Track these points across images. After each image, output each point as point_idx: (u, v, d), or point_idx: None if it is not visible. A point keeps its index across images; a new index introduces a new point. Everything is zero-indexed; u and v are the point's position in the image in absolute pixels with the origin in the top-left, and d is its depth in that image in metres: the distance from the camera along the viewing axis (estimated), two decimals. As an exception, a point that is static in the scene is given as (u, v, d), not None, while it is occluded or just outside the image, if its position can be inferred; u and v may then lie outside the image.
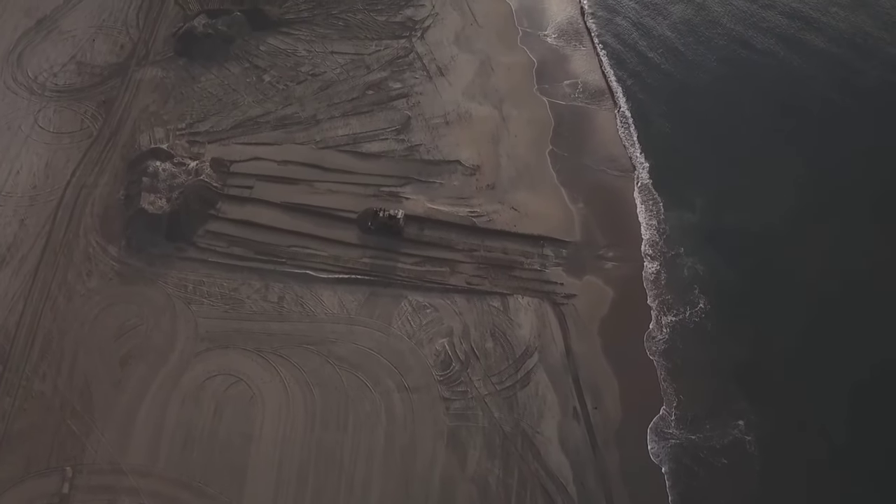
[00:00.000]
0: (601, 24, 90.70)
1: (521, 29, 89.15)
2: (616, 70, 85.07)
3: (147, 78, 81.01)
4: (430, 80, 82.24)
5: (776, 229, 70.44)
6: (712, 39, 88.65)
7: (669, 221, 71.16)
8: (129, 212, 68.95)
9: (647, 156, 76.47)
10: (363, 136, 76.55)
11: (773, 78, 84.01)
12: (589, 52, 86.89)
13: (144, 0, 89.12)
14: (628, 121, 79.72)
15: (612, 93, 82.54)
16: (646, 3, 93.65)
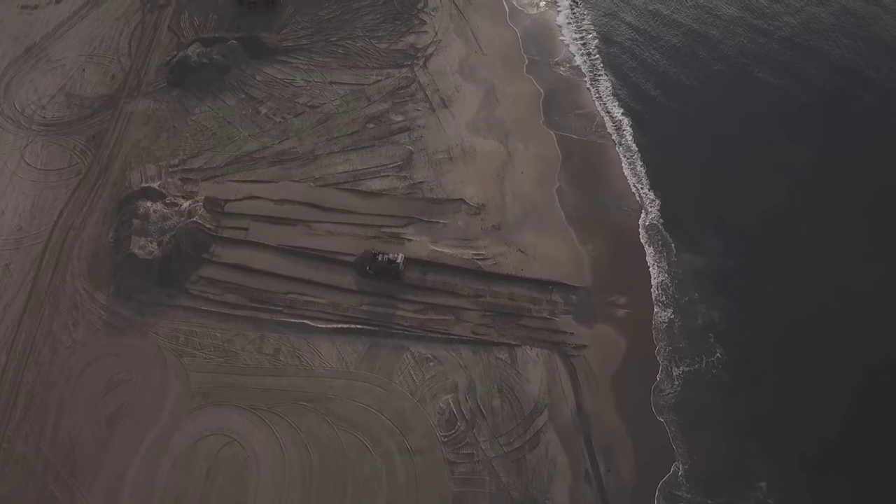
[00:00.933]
0: (609, 52, 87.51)
1: (528, 57, 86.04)
2: (624, 101, 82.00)
3: (139, 110, 77.91)
4: (433, 113, 79.16)
5: (793, 273, 67.61)
6: (720, 70, 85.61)
7: (682, 264, 68.22)
8: (119, 256, 65.85)
9: (657, 193, 73.39)
10: (364, 173, 73.48)
11: (783, 108, 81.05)
12: (597, 81, 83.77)
13: (137, 27, 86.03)
14: (637, 155, 76.67)
15: (619, 125, 79.49)
16: (651, 33, 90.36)
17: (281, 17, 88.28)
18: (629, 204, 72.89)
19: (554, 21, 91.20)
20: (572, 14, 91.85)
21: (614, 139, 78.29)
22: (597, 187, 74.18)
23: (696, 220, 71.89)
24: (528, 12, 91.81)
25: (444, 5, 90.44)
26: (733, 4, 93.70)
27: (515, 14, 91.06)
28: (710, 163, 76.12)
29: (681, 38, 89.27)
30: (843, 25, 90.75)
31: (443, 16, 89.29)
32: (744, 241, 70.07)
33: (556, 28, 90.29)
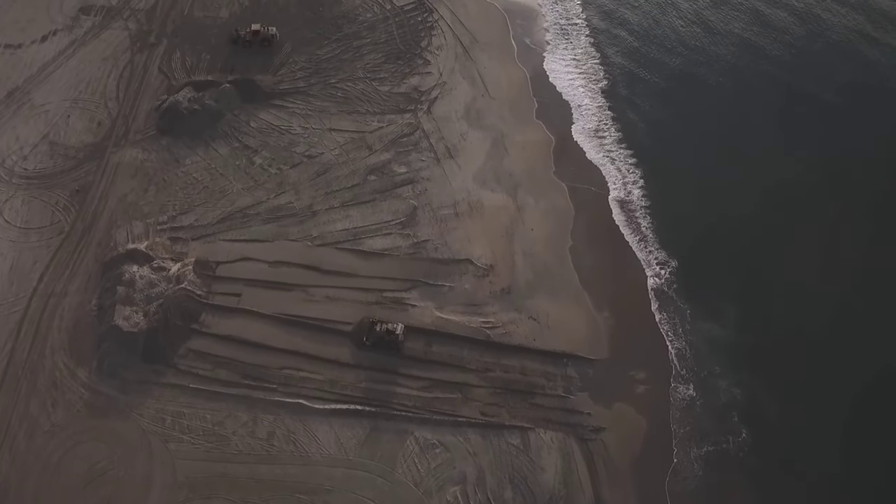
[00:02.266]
0: (624, 95, 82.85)
1: (538, 100, 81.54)
2: (637, 149, 77.22)
3: (126, 161, 73.48)
4: (437, 163, 74.76)
5: (820, 342, 63.15)
6: (740, 116, 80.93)
7: (699, 332, 64.21)
8: (102, 327, 61.47)
9: (672, 254, 68.97)
10: (365, 231, 69.10)
11: (808, 173, 75.84)
12: (611, 128, 79.27)
13: (125, 68, 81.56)
14: (650, 211, 72.11)
15: (632, 177, 74.90)
16: (670, 73, 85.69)
17: (277, 56, 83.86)
18: (645, 265, 68.42)
19: (564, 60, 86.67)
20: (586, 51, 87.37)
21: (627, 192, 73.76)
22: (612, 246, 69.79)
23: (713, 282, 67.59)
24: (537, 51, 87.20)
25: (448, 43, 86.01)
26: (748, 41, 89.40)
27: (524, 53, 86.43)
28: (726, 220, 71.63)
29: (695, 86, 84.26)
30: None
31: (447, 55, 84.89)
32: (763, 307, 65.85)
33: (567, 68, 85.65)
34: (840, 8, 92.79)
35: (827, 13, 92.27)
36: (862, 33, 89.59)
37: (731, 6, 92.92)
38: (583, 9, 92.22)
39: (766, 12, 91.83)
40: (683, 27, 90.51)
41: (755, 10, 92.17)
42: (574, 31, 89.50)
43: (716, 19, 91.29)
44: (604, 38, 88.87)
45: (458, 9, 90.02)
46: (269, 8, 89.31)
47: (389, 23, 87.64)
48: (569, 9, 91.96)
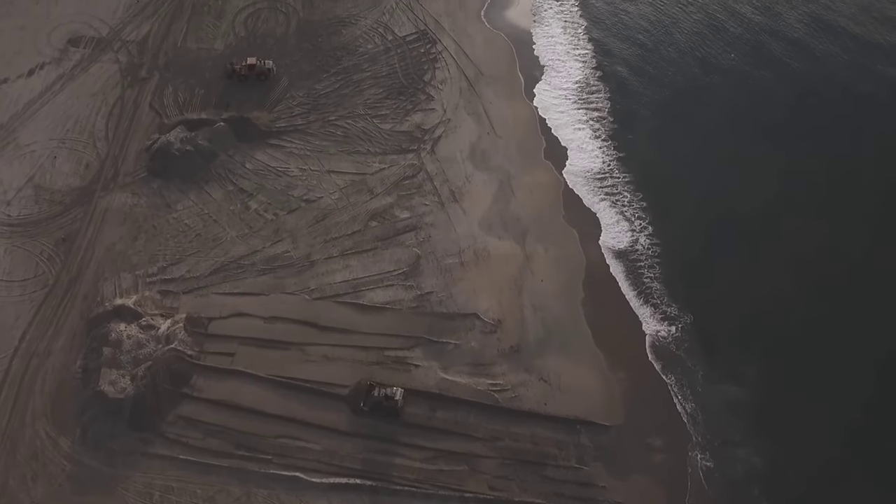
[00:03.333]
0: (634, 132, 79.07)
1: (546, 139, 77.99)
2: (647, 194, 73.31)
3: (115, 206, 69.97)
4: (442, 208, 71.24)
5: (844, 404, 59.59)
6: (751, 158, 76.94)
7: (717, 395, 60.24)
8: (87, 392, 57.90)
9: (685, 308, 64.99)
10: (365, 282, 65.58)
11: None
12: (616, 169, 75.49)
13: (115, 105, 78.07)
14: (658, 262, 68.06)
15: (636, 226, 71.12)
16: (681, 112, 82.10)
17: (274, 91, 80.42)
18: (665, 319, 64.78)
19: (575, 95, 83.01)
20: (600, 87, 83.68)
21: (634, 240, 69.91)
22: (628, 298, 66.14)
23: (728, 338, 63.71)
24: (546, 84, 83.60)
25: (453, 77, 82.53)
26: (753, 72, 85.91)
27: (532, 87, 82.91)
28: (739, 269, 67.87)
29: (707, 123, 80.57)
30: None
31: (452, 90, 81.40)
32: (787, 365, 62.19)
33: (578, 103, 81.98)
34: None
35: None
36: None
37: (730, 39, 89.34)
38: (590, 36, 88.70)
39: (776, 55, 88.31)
40: (709, 56, 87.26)
41: (758, 48, 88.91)
42: (582, 61, 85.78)
43: (719, 54, 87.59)
44: (614, 68, 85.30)
45: (463, 39, 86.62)
46: (265, 38, 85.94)
47: (391, 54, 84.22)
48: (577, 39, 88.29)
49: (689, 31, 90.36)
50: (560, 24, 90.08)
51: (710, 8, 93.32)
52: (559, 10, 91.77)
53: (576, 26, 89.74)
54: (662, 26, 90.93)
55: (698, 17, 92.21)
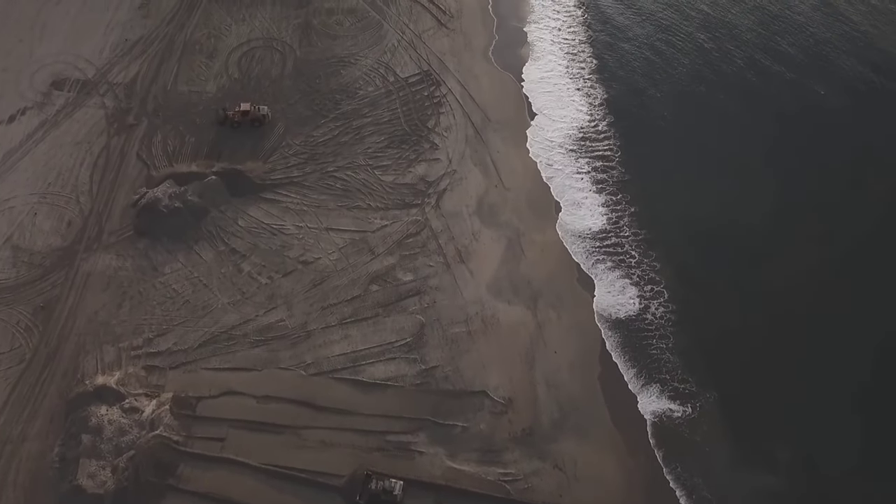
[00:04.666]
0: (648, 180, 74.44)
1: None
2: (663, 253, 68.62)
3: (98, 269, 65.44)
4: (447, 269, 66.74)
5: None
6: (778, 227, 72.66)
7: (745, 484, 55.66)
8: (64, 486, 53.38)
9: (711, 383, 60.53)
10: (365, 355, 61.09)
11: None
12: (636, 227, 70.96)
13: (100, 155, 73.52)
14: (674, 331, 63.54)
15: (644, 292, 66.41)
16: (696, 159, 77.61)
17: (269, 138, 75.93)
18: (677, 397, 60.16)
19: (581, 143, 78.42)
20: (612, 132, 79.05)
21: (644, 306, 65.22)
22: (647, 370, 61.61)
23: (759, 418, 59.10)
24: (552, 131, 79.01)
25: (458, 123, 78.01)
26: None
27: (543, 134, 78.36)
28: (772, 340, 63.47)
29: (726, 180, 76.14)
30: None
31: (457, 137, 76.88)
32: (824, 446, 57.75)
33: (582, 153, 77.38)
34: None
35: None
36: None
37: (742, 85, 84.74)
38: (599, 74, 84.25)
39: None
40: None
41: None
42: (592, 105, 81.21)
43: (733, 97, 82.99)
44: (625, 110, 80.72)
45: (469, 80, 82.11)
46: (260, 80, 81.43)
47: (393, 98, 79.71)
48: (589, 82, 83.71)
49: (702, 68, 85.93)
50: (568, 63, 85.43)
51: (728, 46, 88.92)
52: (568, 50, 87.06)
53: (585, 67, 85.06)
54: (669, 62, 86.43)
55: (715, 54, 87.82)
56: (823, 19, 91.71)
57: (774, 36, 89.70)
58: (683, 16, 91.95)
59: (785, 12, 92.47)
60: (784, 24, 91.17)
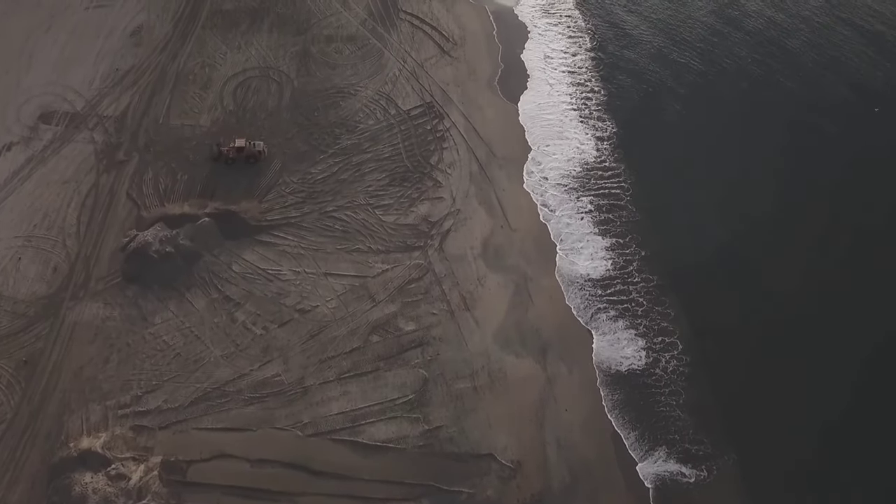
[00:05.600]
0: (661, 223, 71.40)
1: (566, 231, 70.53)
2: (676, 301, 65.46)
3: (85, 319, 62.24)
4: (451, 317, 63.59)
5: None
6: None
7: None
8: (44, 563, 50.27)
9: (724, 445, 57.36)
10: (365, 414, 57.90)
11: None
12: (646, 273, 67.78)
13: (89, 194, 70.34)
14: (702, 384, 60.49)
15: (671, 336, 63.39)
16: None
17: (265, 175, 72.80)
18: (693, 459, 57.06)
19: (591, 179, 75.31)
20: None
21: (652, 358, 62.12)
22: (668, 428, 58.44)
23: (786, 483, 56.07)
24: (559, 168, 75.90)
25: (462, 159, 74.89)
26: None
27: (552, 170, 75.22)
28: (798, 399, 60.35)
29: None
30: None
31: (461, 174, 73.74)
32: None
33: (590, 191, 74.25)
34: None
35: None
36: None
37: (757, 122, 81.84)
38: (607, 105, 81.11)
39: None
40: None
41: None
42: (602, 136, 78.18)
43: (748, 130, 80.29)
44: (639, 145, 77.58)
45: (473, 113, 79.03)
46: (256, 112, 78.32)
47: (394, 132, 76.60)
48: (596, 113, 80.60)
49: (715, 99, 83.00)
50: (574, 93, 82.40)
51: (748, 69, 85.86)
52: (575, 80, 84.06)
53: (593, 98, 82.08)
54: (683, 95, 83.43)
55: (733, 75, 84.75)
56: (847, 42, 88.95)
57: (792, 59, 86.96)
58: (695, 50, 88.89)
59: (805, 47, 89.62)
60: (799, 51, 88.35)
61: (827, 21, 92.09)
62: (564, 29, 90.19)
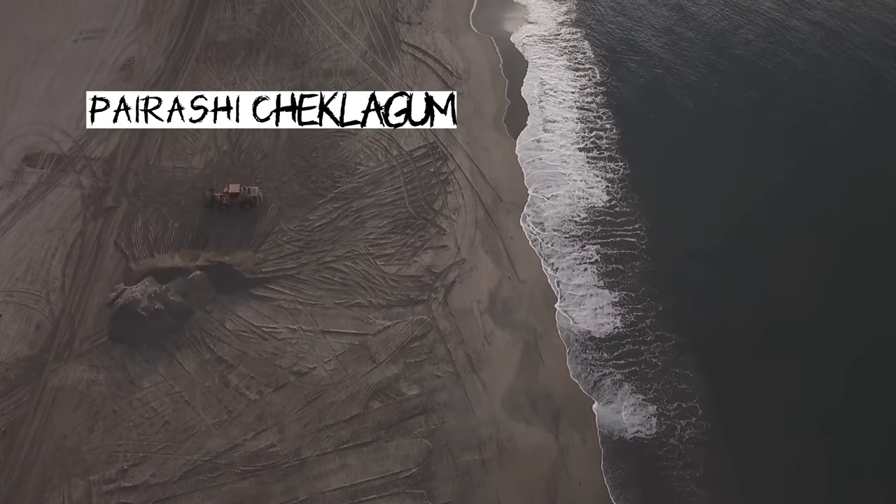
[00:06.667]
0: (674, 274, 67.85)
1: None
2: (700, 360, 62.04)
3: (69, 384, 58.66)
4: (457, 380, 60.06)
5: None
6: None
7: None
8: None
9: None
10: (366, 490, 54.38)
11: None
12: (661, 329, 64.30)
13: (74, 244, 66.76)
14: (722, 455, 57.03)
15: (689, 400, 59.76)
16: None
17: (261, 222, 69.31)
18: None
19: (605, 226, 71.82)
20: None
21: (666, 428, 58.67)
22: (688, 497, 54.95)
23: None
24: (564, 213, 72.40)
25: (467, 204, 71.38)
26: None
27: (561, 215, 71.73)
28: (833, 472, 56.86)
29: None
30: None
31: (466, 220, 70.20)
32: None
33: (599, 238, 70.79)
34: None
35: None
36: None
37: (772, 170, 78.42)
38: (620, 145, 77.50)
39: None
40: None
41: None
42: (612, 178, 74.69)
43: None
44: (653, 192, 73.96)
45: (479, 154, 75.52)
46: (251, 153, 74.82)
47: (396, 174, 73.09)
48: (607, 152, 77.02)
49: (734, 132, 79.61)
50: (581, 131, 78.89)
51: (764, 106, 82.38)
52: (584, 116, 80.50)
53: (604, 136, 78.54)
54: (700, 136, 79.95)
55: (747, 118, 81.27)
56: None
57: (812, 92, 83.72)
58: (709, 86, 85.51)
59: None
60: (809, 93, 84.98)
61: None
62: (573, 62, 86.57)
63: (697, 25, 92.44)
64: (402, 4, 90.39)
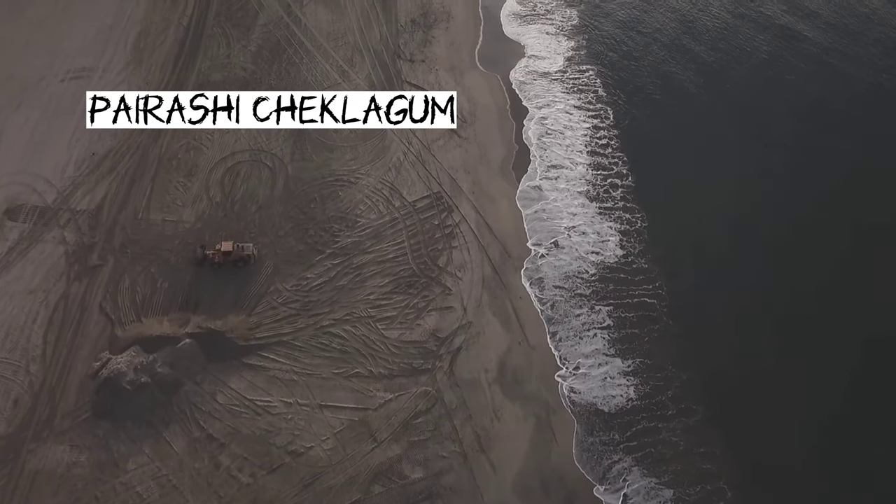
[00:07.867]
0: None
1: (591, 350, 62.92)
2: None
3: (48, 466, 54.64)
4: (464, 461, 56.07)
5: None
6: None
7: None
8: None
9: None
10: (367, 588, 50.42)
11: None
12: (688, 401, 60.26)
13: (57, 308, 62.70)
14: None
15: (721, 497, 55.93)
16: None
17: (255, 281, 65.33)
18: None
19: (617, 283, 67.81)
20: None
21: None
22: None
23: None
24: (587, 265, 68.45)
25: (474, 260, 67.42)
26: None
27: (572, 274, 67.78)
28: None
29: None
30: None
31: (472, 278, 66.24)
32: None
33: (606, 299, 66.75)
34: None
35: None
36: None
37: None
38: (635, 194, 73.45)
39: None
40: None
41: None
42: (628, 230, 70.69)
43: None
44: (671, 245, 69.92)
45: (485, 205, 71.56)
46: (245, 204, 70.82)
47: (399, 228, 69.12)
48: (622, 202, 72.98)
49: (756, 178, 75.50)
50: (596, 178, 74.87)
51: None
52: (596, 161, 76.42)
53: (620, 185, 74.44)
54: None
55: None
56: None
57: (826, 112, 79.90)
58: (719, 120, 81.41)
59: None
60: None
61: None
62: (583, 101, 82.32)
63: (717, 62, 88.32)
64: (403, 41, 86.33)
